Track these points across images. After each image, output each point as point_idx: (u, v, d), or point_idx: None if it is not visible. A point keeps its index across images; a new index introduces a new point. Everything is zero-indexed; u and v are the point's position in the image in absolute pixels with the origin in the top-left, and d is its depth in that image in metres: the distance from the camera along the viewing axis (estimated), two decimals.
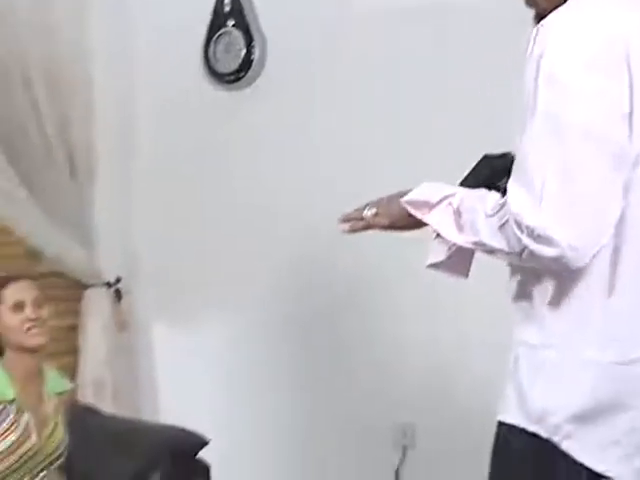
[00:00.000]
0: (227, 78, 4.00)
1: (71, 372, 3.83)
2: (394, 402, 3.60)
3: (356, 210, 1.94)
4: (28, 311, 2.69)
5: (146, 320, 4.17)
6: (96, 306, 3.94)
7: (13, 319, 2.68)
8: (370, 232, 1.97)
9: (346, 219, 1.95)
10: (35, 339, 2.69)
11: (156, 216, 4.16)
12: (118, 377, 3.95)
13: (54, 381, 2.82)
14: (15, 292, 2.71)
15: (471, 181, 1.83)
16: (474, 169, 1.88)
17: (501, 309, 1.86)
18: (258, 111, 3.94)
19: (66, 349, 3.87)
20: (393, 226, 1.90)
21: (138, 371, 4.13)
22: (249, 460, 3.87)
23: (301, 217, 3.83)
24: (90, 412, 3.25)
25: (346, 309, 3.73)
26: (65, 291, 3.85)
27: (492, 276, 2.06)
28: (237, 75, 3.98)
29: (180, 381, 4.08)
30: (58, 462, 2.73)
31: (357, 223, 1.93)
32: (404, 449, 3.57)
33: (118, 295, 4.02)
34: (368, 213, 1.91)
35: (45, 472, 2.68)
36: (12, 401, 2.64)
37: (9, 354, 2.70)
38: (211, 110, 4.05)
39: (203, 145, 4.07)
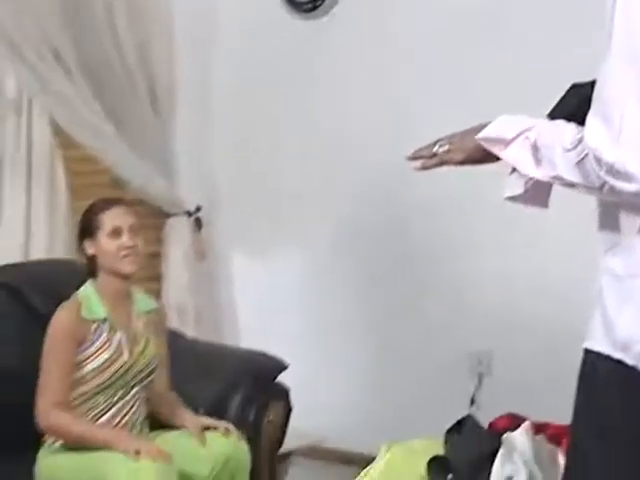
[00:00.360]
0: (304, 7, 3.98)
1: (155, 297, 3.93)
2: (470, 330, 3.61)
3: (426, 147, 1.90)
4: (125, 238, 2.73)
5: (225, 249, 4.24)
6: (177, 234, 4.02)
7: (110, 245, 2.73)
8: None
9: (416, 156, 1.92)
10: (129, 267, 2.74)
11: (236, 147, 4.20)
12: (200, 303, 4.04)
13: (142, 301, 2.89)
14: (113, 218, 2.74)
15: (558, 111, 1.79)
16: (562, 98, 1.83)
17: (580, 239, 1.85)
18: (334, 39, 3.91)
19: (150, 275, 3.96)
20: (468, 160, 1.87)
21: (219, 298, 4.22)
22: (326, 384, 3.93)
23: (378, 147, 3.82)
24: (175, 336, 3.32)
25: (422, 241, 3.73)
26: (148, 219, 3.93)
27: (571, 207, 2.05)
28: (314, 4, 3.96)
29: (259, 308, 4.15)
30: (149, 378, 2.81)
31: (429, 160, 1.89)
32: (480, 376, 3.58)
33: (198, 224, 4.09)
34: (440, 150, 1.87)
35: (137, 388, 2.77)
36: (104, 320, 2.73)
37: (102, 276, 2.77)
38: (289, 39, 4.03)
39: (281, 75, 4.07)
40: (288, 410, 3.10)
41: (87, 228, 2.76)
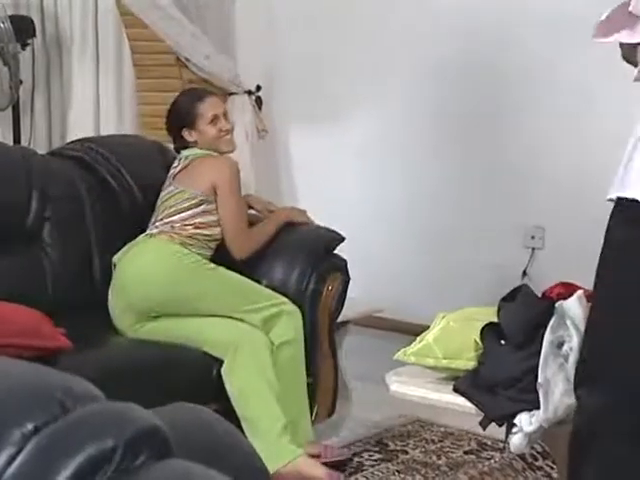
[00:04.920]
0: None
1: None
2: (524, 208, 3.61)
3: None
4: (222, 123, 2.95)
5: (284, 126, 4.24)
6: (239, 113, 4.03)
7: (212, 130, 2.92)
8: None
9: None
10: (229, 146, 2.99)
11: (293, 27, 4.16)
12: (260, 179, 4.06)
13: None
14: (211, 107, 2.94)
15: None
16: None
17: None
18: None
19: None
20: None
21: (278, 174, 4.24)
22: (383, 257, 3.97)
23: (441, 25, 3.75)
24: None
25: (485, 121, 3.70)
26: None
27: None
28: None
29: (316, 183, 4.16)
30: None
31: None
32: (533, 251, 3.59)
33: (259, 103, 4.08)
34: None
35: None
36: None
37: None
38: None
39: None
40: (346, 281, 3.11)
41: (185, 119, 2.94)
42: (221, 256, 2.95)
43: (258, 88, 4.07)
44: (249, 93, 4.04)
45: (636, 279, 1.69)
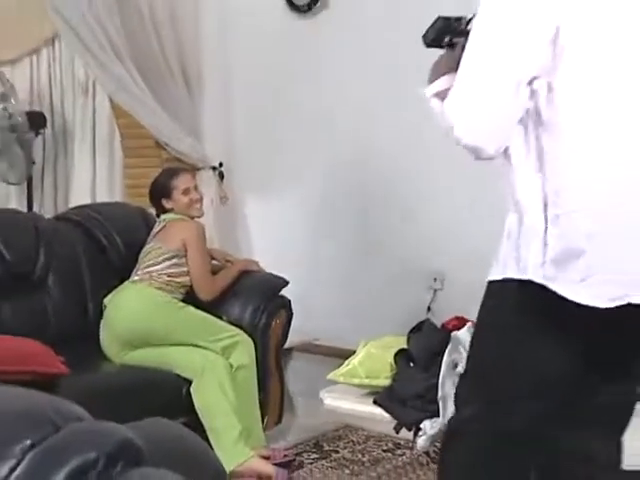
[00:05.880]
0: (302, 8, 3.93)
1: None
2: (429, 257, 3.63)
3: None
4: (193, 194, 2.97)
5: (242, 195, 4.25)
6: (205, 184, 4.02)
7: (184, 199, 2.94)
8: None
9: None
10: (199, 212, 3.01)
11: (249, 117, 4.17)
12: (223, 239, 4.05)
13: None
14: (184, 181, 2.97)
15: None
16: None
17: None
18: (325, 35, 3.87)
19: None
20: None
21: (237, 234, 4.23)
22: (319, 297, 3.94)
23: (357, 122, 3.80)
24: None
25: (391, 194, 3.74)
26: None
27: None
28: (309, 6, 3.90)
29: (268, 240, 4.15)
30: None
31: None
32: (435, 291, 3.62)
33: (221, 176, 4.09)
34: None
35: None
36: None
37: None
38: (289, 33, 3.98)
39: (285, 65, 4.03)
40: (290, 316, 3.14)
41: (163, 191, 2.95)
42: (190, 297, 2.94)
43: (221, 164, 4.08)
44: (213, 168, 4.05)
45: (503, 319, 1.69)
